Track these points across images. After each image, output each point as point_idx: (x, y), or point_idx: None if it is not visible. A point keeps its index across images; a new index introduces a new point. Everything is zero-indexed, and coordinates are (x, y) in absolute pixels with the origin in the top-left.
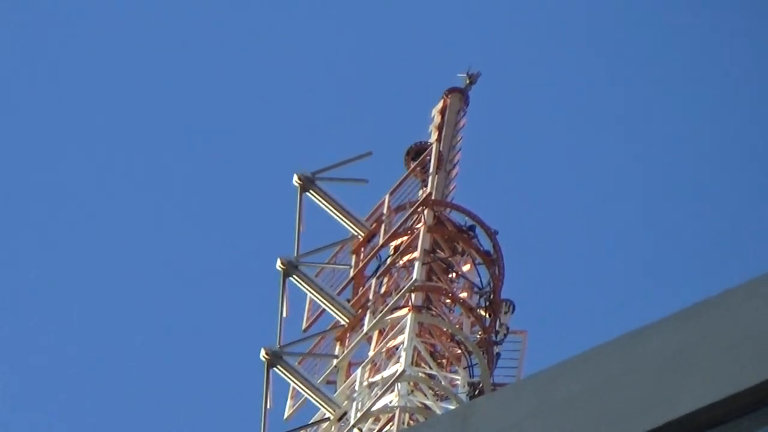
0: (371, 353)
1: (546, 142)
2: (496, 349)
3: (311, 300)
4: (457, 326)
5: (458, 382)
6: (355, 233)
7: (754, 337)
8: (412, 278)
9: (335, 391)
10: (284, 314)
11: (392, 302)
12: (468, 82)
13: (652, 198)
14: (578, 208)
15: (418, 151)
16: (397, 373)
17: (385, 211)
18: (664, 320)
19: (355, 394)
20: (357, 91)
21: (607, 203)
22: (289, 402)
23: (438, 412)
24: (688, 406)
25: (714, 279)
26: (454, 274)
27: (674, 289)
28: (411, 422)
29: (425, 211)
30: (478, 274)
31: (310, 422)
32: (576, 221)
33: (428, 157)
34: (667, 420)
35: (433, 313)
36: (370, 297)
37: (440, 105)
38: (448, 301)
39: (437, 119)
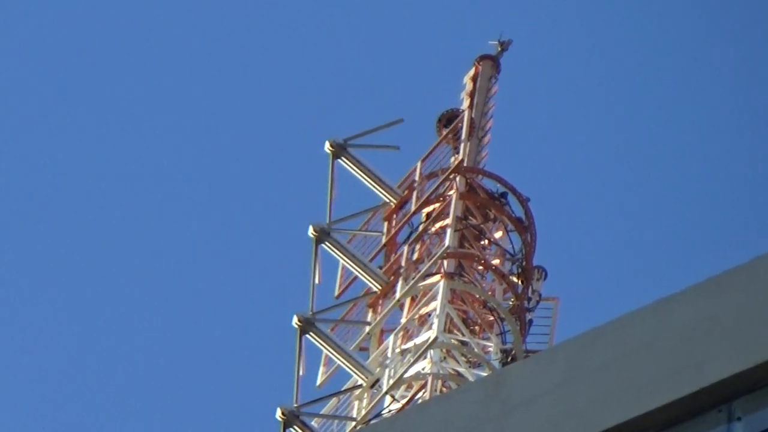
0: (403, 320)
1: (578, 108)
2: (528, 316)
3: (343, 267)
4: (490, 293)
5: (491, 348)
6: (387, 200)
7: None
8: (444, 245)
9: (368, 358)
10: (317, 281)
11: (424, 269)
12: (499, 49)
13: (687, 165)
14: (611, 175)
15: (449, 118)
16: (430, 340)
17: (417, 177)
18: (694, 287)
19: (388, 361)
20: (389, 57)
21: (641, 170)
22: (321, 369)
23: (470, 378)
24: (720, 372)
25: (745, 247)
26: (486, 241)
27: (706, 256)
28: (443, 389)
29: (457, 178)
30: (510, 241)
31: (342, 389)
32: (608, 188)
33: (460, 124)
34: (699, 387)
35: (466, 279)
36: (403, 264)
37: (472, 72)
38: (480, 267)
39: (469, 86)
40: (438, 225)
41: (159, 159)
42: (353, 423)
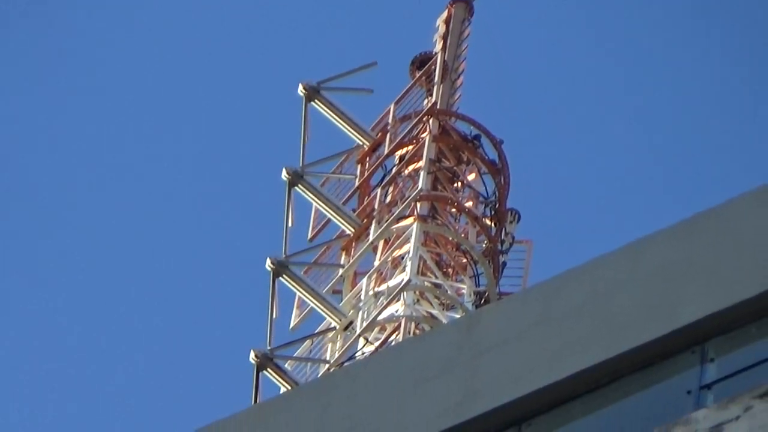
0: (377, 263)
1: (551, 52)
2: (501, 259)
3: (317, 210)
4: (463, 235)
5: (464, 291)
6: (361, 143)
7: (756, 246)
8: (417, 187)
9: (341, 301)
10: (290, 224)
11: (398, 211)
12: None
13: (660, 109)
14: (584, 117)
15: (423, 61)
16: (403, 283)
17: (390, 120)
18: (666, 230)
19: (361, 304)
20: (361, 0)
21: (615, 113)
22: (294, 312)
23: (444, 321)
24: (693, 314)
25: (718, 190)
26: (459, 184)
27: (678, 199)
28: (417, 331)
29: (430, 121)
30: (484, 184)
31: (316, 332)
32: (582, 131)
33: (433, 67)
34: (672, 328)
35: (439, 222)
36: (376, 206)
37: (445, 15)
38: (453, 210)
39: (442, 29)
40: (411, 168)
41: (130, 112)
42: (327, 365)
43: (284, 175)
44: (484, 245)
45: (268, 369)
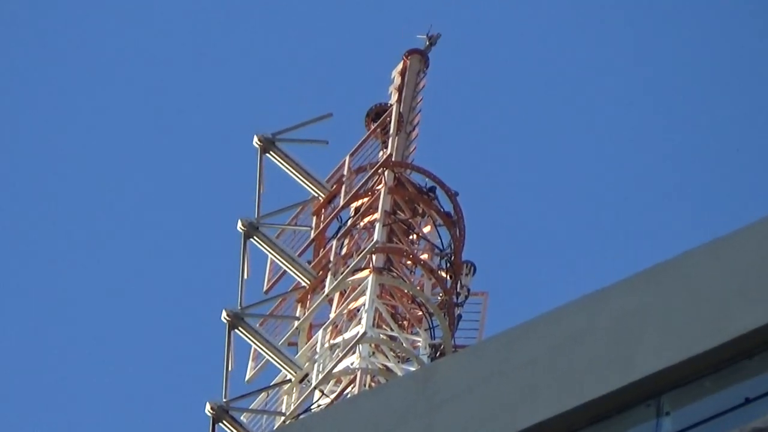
0: (332, 315)
1: (506, 104)
2: (457, 311)
3: (272, 261)
4: (418, 288)
5: (419, 343)
6: (316, 194)
7: (712, 298)
8: (372, 240)
9: (297, 353)
10: (245, 276)
11: (353, 264)
12: (428, 43)
13: (615, 157)
14: (538, 170)
15: (378, 113)
16: (359, 335)
17: (345, 172)
18: (622, 282)
19: (317, 356)
20: (317, 52)
21: (567, 165)
22: (250, 364)
23: (399, 373)
24: (648, 367)
25: (673, 241)
26: (414, 236)
27: (633, 251)
28: (372, 384)
29: (386, 173)
30: (439, 236)
31: (271, 384)
32: (535, 183)
33: (388, 119)
34: (629, 381)
35: (394, 274)
36: (331, 258)
37: (400, 66)
38: (409, 262)
39: (397, 80)
40: (367, 219)
41: (86, 155)
42: (282, 418)
43: (240, 226)
44: (439, 297)
45: (224, 421)
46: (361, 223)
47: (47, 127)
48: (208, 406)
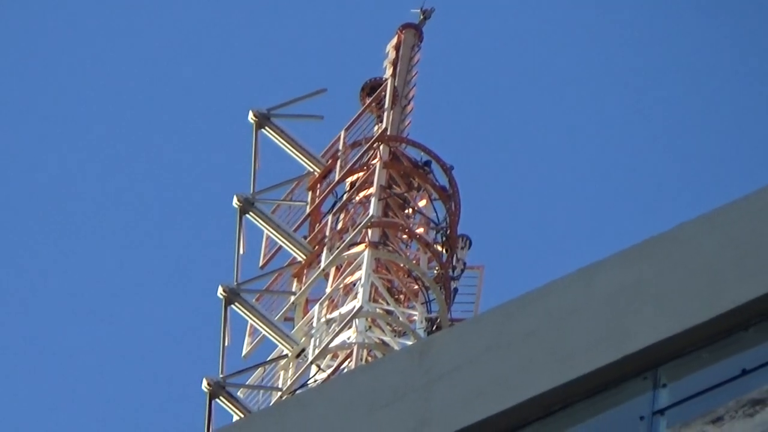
0: (328, 290)
1: (501, 77)
2: (453, 285)
3: (268, 237)
4: (414, 262)
5: (416, 317)
6: (311, 170)
7: (707, 270)
8: (368, 214)
9: (293, 328)
10: (241, 251)
11: (349, 238)
12: (422, 17)
13: (608, 132)
14: (534, 142)
15: (373, 87)
16: (355, 310)
17: (340, 147)
18: (618, 254)
19: (313, 331)
20: (312, 27)
21: (564, 137)
22: (246, 339)
23: (396, 347)
24: (644, 340)
25: (669, 214)
26: (410, 210)
27: (630, 223)
28: (369, 358)
29: (381, 147)
30: (435, 210)
31: (268, 359)
32: (532, 155)
33: (383, 93)
34: (624, 354)
35: (390, 248)
36: (327, 233)
37: (394, 41)
38: (404, 236)
39: (392, 55)
40: (362, 194)
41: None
42: (279, 393)
43: (235, 202)
44: (435, 271)
45: (221, 397)
46: (357, 198)
47: (37, 106)
48: (204, 382)
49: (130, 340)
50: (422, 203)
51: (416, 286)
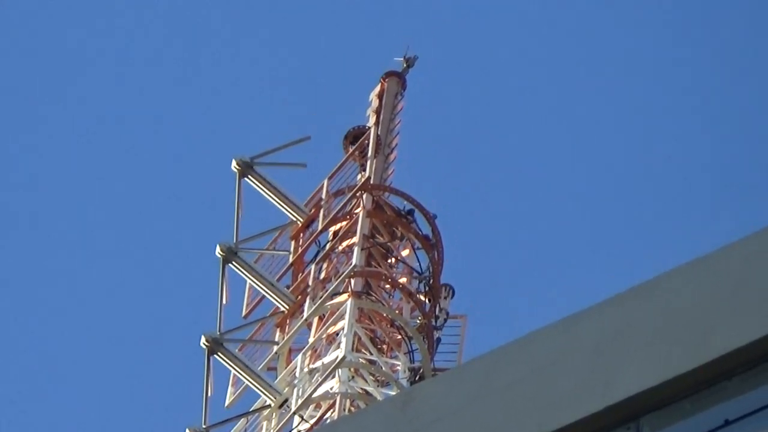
0: (311, 339)
1: (485, 125)
2: (436, 334)
3: (251, 286)
4: (397, 311)
5: (399, 367)
6: (294, 218)
7: (690, 320)
8: (351, 263)
9: (276, 378)
10: (224, 301)
11: (332, 288)
12: (405, 65)
13: (592, 179)
14: (515, 191)
15: (356, 136)
16: (338, 359)
17: (323, 195)
18: (602, 303)
19: (296, 381)
20: (295, 75)
21: (547, 185)
22: (230, 389)
23: (379, 397)
24: (627, 389)
25: (652, 263)
26: (393, 259)
27: (614, 271)
28: (352, 408)
29: (364, 196)
30: (418, 259)
31: (251, 409)
32: (515, 204)
33: (366, 141)
34: (607, 404)
35: (373, 298)
36: (310, 283)
37: (378, 89)
38: (387, 286)
39: (375, 103)
40: (345, 243)
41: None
42: None
43: (218, 251)
44: (418, 321)
45: None
46: (340, 247)
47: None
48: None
49: (113, 391)
50: (405, 252)
51: (399, 336)
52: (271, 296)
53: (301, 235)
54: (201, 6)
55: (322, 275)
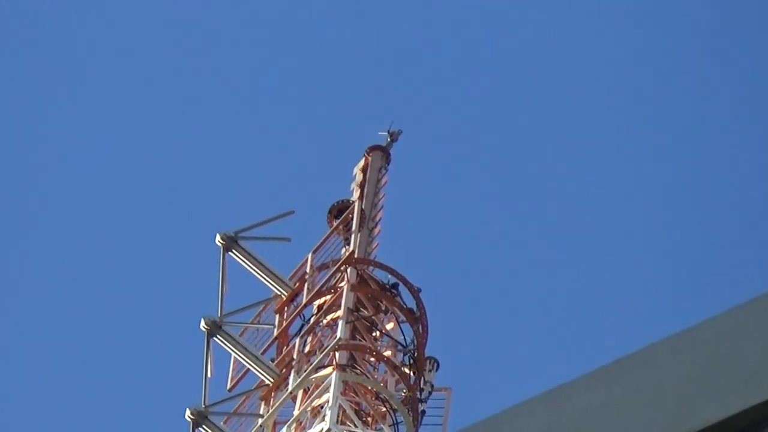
0: (296, 412)
1: (468, 199)
2: (421, 407)
3: (236, 360)
4: (382, 384)
5: None
6: (279, 292)
7: (676, 391)
8: (336, 337)
9: None
10: (209, 374)
11: (317, 361)
12: (389, 139)
13: (574, 252)
14: (501, 263)
15: (340, 210)
16: None
17: (308, 269)
18: (587, 375)
19: None
20: (280, 148)
21: (530, 259)
22: None
23: None
24: None
25: (635, 335)
26: (378, 332)
27: (597, 344)
28: None
29: (348, 270)
30: (402, 332)
31: None
32: (499, 276)
33: (350, 216)
34: None
35: (358, 371)
36: (295, 356)
37: (362, 163)
38: (372, 359)
39: (359, 177)
40: (330, 317)
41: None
42: None
43: (203, 325)
44: (403, 393)
45: None
46: (324, 321)
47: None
48: None
49: None
50: (390, 325)
51: (384, 408)
52: (255, 369)
53: (286, 308)
54: (192, 78)
55: (307, 348)
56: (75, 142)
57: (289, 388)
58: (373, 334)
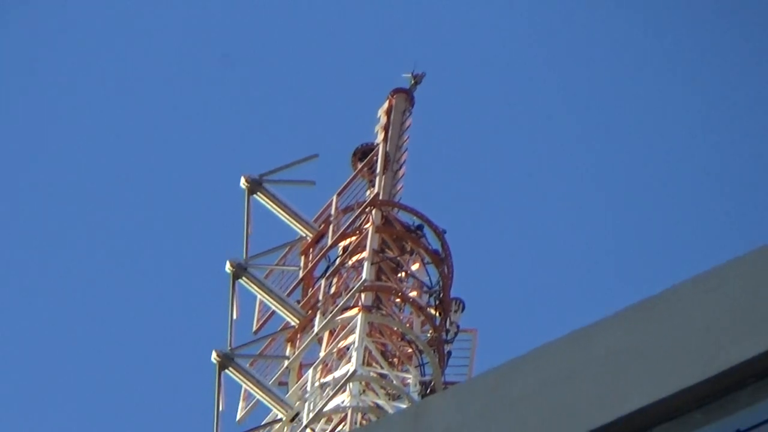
0: (322, 354)
1: (493, 140)
2: (446, 348)
3: (261, 302)
4: (408, 325)
5: (410, 381)
6: (304, 234)
7: (701, 331)
8: (361, 278)
9: (287, 393)
10: (234, 317)
11: (342, 302)
12: (413, 82)
13: (601, 193)
14: (525, 204)
15: (364, 152)
16: (349, 373)
17: (333, 212)
18: (613, 316)
19: (307, 395)
20: (303, 92)
21: (555, 199)
22: (241, 404)
23: (390, 411)
24: (640, 401)
25: (663, 275)
26: (403, 274)
27: (623, 285)
28: (363, 422)
29: (373, 212)
30: (428, 273)
31: (262, 423)
32: (524, 217)
33: (375, 158)
34: (619, 415)
35: (384, 312)
36: (320, 298)
37: (386, 105)
38: (398, 300)
39: (383, 120)
40: (355, 258)
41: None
42: None
43: (228, 267)
44: (429, 335)
45: None
46: (349, 262)
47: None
48: None
49: (125, 409)
50: (415, 267)
51: (410, 350)
52: (281, 311)
53: (311, 250)
54: (210, 23)
55: (332, 290)
56: (100, 87)
57: (315, 329)
58: (399, 275)
